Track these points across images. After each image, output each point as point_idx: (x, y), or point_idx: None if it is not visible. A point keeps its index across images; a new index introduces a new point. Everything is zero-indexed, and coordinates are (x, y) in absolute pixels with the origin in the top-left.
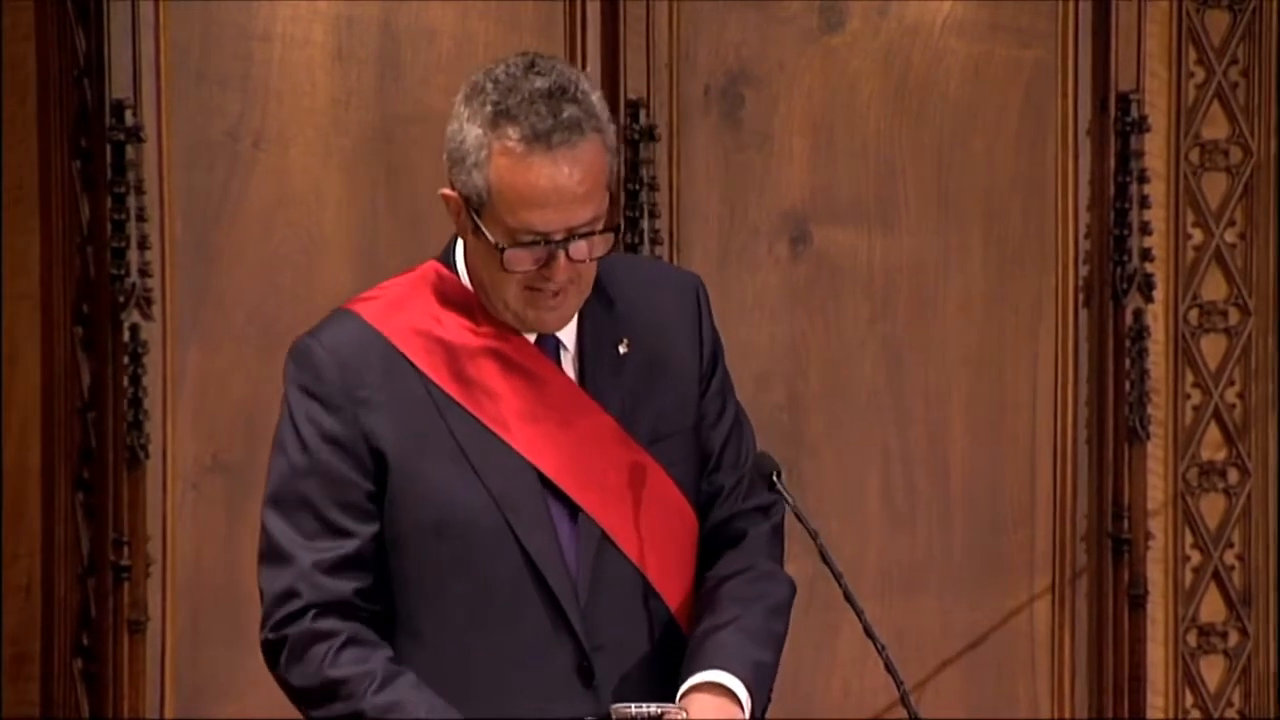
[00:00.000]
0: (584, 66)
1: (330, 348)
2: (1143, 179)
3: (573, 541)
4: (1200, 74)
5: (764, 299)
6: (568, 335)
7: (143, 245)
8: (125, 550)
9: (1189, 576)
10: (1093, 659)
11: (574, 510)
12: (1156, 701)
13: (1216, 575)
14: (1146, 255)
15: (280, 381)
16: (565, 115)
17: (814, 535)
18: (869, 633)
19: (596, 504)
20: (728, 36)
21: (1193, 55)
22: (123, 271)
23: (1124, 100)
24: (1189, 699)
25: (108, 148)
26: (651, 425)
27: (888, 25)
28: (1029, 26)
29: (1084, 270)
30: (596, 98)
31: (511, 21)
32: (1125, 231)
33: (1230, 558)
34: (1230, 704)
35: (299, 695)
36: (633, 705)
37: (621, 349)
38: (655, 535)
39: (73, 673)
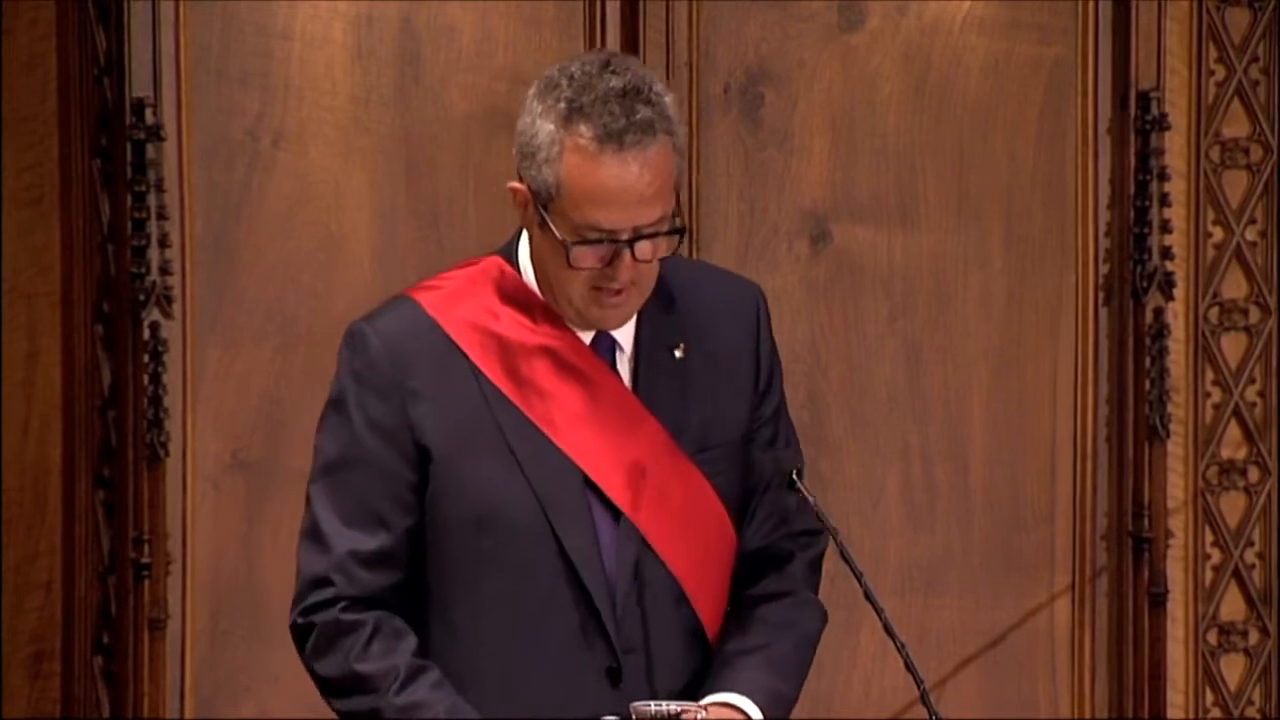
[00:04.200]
0: None
1: (384, 335)
2: (1163, 177)
3: (612, 544)
4: (1221, 72)
5: (784, 297)
6: (624, 336)
7: (163, 243)
8: (145, 548)
9: (1209, 575)
10: (1113, 658)
11: (616, 513)
12: (1177, 700)
13: (1237, 574)
14: (1167, 253)
15: (299, 378)
16: (638, 116)
17: (834, 534)
18: (889, 631)
19: (638, 509)
20: (747, 35)
21: (1213, 53)
22: (143, 270)
23: (1144, 98)
24: (1209, 698)
25: (128, 146)
26: (700, 434)
27: (907, 23)
28: (1049, 24)
29: (1104, 268)
30: (669, 100)
31: (531, 20)
32: (1145, 230)
33: (1251, 556)
34: (1250, 703)
35: (325, 684)
36: (652, 703)
37: (677, 353)
38: (693, 544)
39: (93, 670)
